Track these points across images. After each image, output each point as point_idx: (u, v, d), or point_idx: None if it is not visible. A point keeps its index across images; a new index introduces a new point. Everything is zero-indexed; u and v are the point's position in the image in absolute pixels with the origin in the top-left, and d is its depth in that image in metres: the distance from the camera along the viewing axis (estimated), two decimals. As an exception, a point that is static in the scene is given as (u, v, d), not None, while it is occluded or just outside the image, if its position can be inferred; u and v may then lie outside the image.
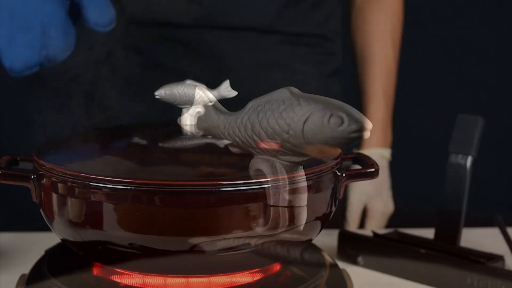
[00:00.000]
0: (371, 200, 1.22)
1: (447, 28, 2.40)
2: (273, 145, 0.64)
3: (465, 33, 2.39)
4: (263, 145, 0.64)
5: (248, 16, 1.13)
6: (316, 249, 0.84)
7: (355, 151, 1.25)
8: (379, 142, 1.24)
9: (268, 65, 1.17)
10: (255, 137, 0.65)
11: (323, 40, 1.21)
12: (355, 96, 1.30)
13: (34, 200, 0.74)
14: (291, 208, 0.69)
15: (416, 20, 1.98)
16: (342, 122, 0.61)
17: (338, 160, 0.76)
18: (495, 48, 2.43)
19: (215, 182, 0.66)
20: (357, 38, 1.27)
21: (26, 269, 0.81)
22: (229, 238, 0.67)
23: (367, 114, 1.25)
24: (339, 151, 0.76)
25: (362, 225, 1.23)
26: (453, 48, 2.41)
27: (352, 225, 1.22)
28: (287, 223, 0.69)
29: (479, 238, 1.05)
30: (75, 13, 0.81)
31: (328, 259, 0.81)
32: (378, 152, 1.23)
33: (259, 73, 1.16)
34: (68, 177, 0.69)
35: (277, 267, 0.77)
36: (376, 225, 1.21)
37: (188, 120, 0.79)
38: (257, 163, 0.66)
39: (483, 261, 0.87)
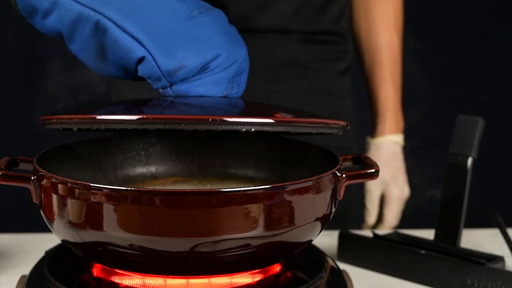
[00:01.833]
0: (388, 186, 1.24)
1: (448, 27, 2.40)
2: None
3: (467, 33, 2.39)
4: None
5: (265, 17, 1.15)
6: (316, 250, 0.84)
7: (369, 137, 1.26)
8: (391, 128, 1.25)
9: (286, 64, 1.18)
10: None
11: (337, 37, 1.22)
12: (362, 92, 1.30)
13: (34, 201, 0.74)
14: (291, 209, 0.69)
15: (418, 19, 1.98)
16: None
17: (339, 161, 0.76)
18: (497, 48, 2.43)
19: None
20: (361, 28, 1.28)
21: (26, 270, 0.81)
22: (229, 239, 0.67)
23: (377, 103, 1.26)
24: None
25: (381, 212, 1.25)
26: (455, 48, 2.41)
27: (372, 213, 1.24)
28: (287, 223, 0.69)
29: (479, 239, 1.05)
30: None
31: (328, 260, 0.81)
32: (391, 138, 1.25)
33: (277, 72, 1.18)
34: (68, 178, 0.69)
35: (277, 268, 0.77)
36: (394, 211, 1.23)
37: None
38: None
39: (483, 262, 0.87)
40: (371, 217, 1.24)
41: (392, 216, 1.24)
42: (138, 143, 0.93)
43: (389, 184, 1.24)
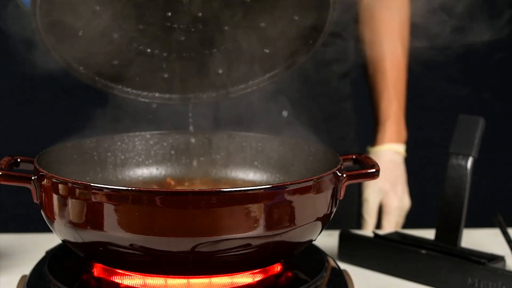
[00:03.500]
0: (386, 196, 1.21)
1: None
2: None
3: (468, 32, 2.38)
4: None
5: None
6: (317, 250, 0.84)
7: (369, 146, 1.25)
8: (392, 137, 1.23)
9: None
10: None
11: (336, 39, 1.21)
12: (365, 97, 1.30)
13: (35, 201, 0.74)
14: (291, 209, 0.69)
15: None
16: None
17: (339, 161, 0.76)
18: (499, 48, 2.43)
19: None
20: (365, 36, 1.27)
21: (26, 270, 0.81)
22: (230, 239, 0.67)
23: (379, 111, 1.25)
24: None
25: (379, 222, 1.23)
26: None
27: (370, 223, 1.21)
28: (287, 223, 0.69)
29: (480, 239, 1.05)
30: None
31: (329, 260, 0.81)
32: (392, 147, 1.23)
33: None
34: (69, 178, 0.69)
35: (278, 268, 0.77)
36: (392, 221, 1.21)
37: None
38: None
39: (484, 262, 0.87)
40: (368, 228, 1.20)
41: (391, 227, 1.20)
42: (139, 143, 0.93)
43: (388, 194, 1.21)
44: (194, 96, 0.93)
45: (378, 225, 1.22)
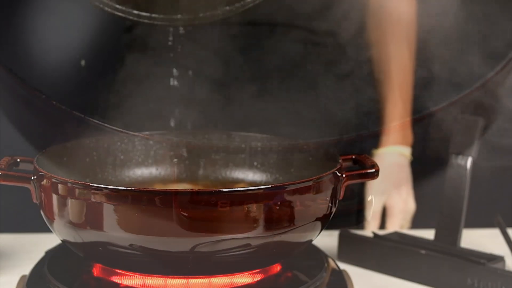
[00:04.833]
0: (390, 198, 1.21)
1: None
2: None
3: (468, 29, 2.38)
4: None
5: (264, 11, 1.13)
6: (317, 250, 0.84)
7: (374, 149, 1.25)
8: (397, 140, 1.23)
9: (282, 62, 1.17)
10: None
11: (338, 40, 1.21)
12: (367, 98, 1.30)
13: (34, 201, 0.74)
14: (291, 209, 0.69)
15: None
16: None
17: (339, 161, 0.76)
18: (498, 47, 2.43)
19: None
20: (371, 38, 1.27)
21: (26, 270, 0.81)
22: (230, 239, 0.67)
23: (384, 113, 1.25)
24: None
25: (383, 224, 1.22)
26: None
27: (372, 224, 1.20)
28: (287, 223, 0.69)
29: (479, 239, 1.05)
30: None
31: (328, 260, 0.81)
32: (396, 149, 1.22)
33: (273, 70, 1.16)
34: (69, 178, 0.69)
35: (277, 268, 0.77)
36: (397, 224, 1.20)
37: None
38: None
39: (483, 262, 0.87)
40: (371, 230, 1.20)
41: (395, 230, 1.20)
42: (139, 143, 0.93)
43: (392, 196, 1.20)
44: (202, 15, 0.91)
45: (382, 227, 1.21)
